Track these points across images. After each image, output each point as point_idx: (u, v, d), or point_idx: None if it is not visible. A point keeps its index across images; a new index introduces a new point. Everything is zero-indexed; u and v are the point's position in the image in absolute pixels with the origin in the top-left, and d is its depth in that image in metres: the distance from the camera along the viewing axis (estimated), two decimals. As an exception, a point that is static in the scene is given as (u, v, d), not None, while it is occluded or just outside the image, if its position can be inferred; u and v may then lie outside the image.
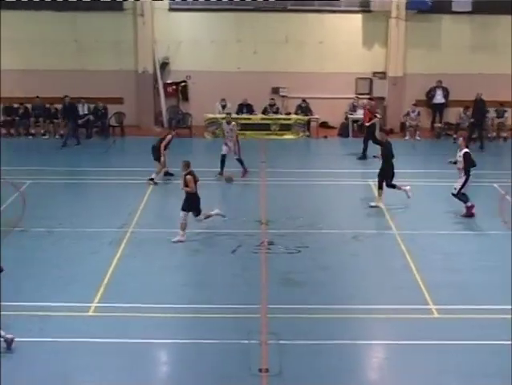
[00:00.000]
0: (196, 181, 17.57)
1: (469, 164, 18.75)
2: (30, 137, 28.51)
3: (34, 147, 27.49)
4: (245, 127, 28.26)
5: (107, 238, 17.49)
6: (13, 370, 11.74)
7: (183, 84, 29.83)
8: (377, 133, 24.03)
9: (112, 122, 28.89)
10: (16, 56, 29.33)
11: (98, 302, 14.10)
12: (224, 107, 28.79)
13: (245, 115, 28.58)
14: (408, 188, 19.85)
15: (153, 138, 24.44)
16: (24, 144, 27.95)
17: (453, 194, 18.99)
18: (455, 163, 19.05)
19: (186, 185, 17.44)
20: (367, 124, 25.26)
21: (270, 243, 17.15)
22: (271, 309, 13.73)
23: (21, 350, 12.34)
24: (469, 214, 18.85)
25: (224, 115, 24.53)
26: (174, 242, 17.01)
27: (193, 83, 29.81)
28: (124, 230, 18.01)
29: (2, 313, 13.49)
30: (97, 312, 13.74)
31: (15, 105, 28.83)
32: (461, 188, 18.87)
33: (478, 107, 27.21)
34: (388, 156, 19.85)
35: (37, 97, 28.82)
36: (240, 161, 22.77)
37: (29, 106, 28.90)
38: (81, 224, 18.37)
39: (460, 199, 18.98)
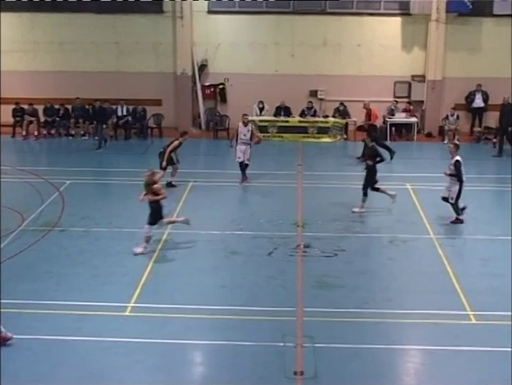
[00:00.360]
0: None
1: (460, 172, 18.39)
2: (70, 138, 28.86)
3: (74, 147, 27.80)
4: (283, 129, 28.33)
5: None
6: (50, 368, 11.91)
7: (221, 86, 29.94)
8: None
9: (151, 123, 29.10)
10: (57, 58, 29.77)
11: (135, 302, 14.21)
12: (261, 109, 28.87)
13: (282, 118, 28.61)
14: (393, 193, 19.72)
15: (190, 140, 24.62)
16: (64, 145, 28.29)
17: (448, 202, 18.64)
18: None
19: (156, 194, 16.71)
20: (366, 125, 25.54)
21: (307, 246, 17.14)
22: (307, 312, 13.73)
23: (58, 349, 12.51)
24: (457, 221, 18.66)
25: (262, 118, 24.52)
26: (136, 254, 16.56)
27: (230, 85, 29.91)
28: (161, 231, 18.12)
29: (40, 311, 13.74)
30: (134, 312, 13.85)
31: (56, 106, 29.18)
32: (457, 198, 18.54)
33: (505, 111, 26.79)
34: (374, 160, 19.71)
35: (77, 98, 29.14)
36: (243, 166, 22.32)
37: (69, 107, 29.22)
38: (118, 225, 18.54)
39: (454, 209, 18.66)
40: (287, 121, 28.58)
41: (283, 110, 28.83)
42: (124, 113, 28.84)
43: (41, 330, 13.03)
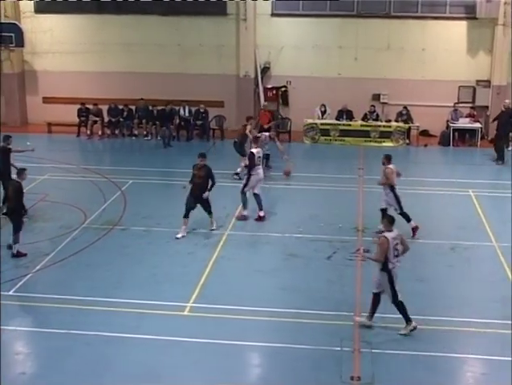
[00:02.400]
0: None
1: (391, 180, 17.79)
2: (133, 138, 29.22)
3: (137, 147, 28.15)
4: (345, 133, 28.23)
5: (203, 239, 17.77)
6: (108, 364, 12.08)
7: (283, 89, 29.96)
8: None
9: (213, 125, 29.29)
10: (123, 59, 30.21)
11: (193, 302, 14.32)
12: (324, 112, 28.82)
13: (344, 122, 28.48)
14: None
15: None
16: (127, 145, 28.67)
17: (399, 213, 17.84)
18: None
19: None
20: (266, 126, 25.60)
21: (366, 251, 16.95)
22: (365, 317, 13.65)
23: (115, 346, 12.71)
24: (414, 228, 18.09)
25: (324, 121, 24.41)
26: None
27: (293, 88, 29.91)
28: (221, 232, 18.24)
29: (100, 308, 13.95)
30: (193, 312, 13.96)
31: (120, 106, 29.59)
32: (400, 206, 17.95)
33: (505, 117, 26.09)
34: None
35: (141, 99, 29.50)
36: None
37: (133, 108, 29.60)
38: (178, 225, 18.65)
39: (405, 217, 17.97)
40: (349, 125, 28.45)
41: (345, 113, 28.70)
42: (187, 114, 29.08)
43: (100, 327, 13.24)
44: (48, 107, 30.94)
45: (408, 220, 17.94)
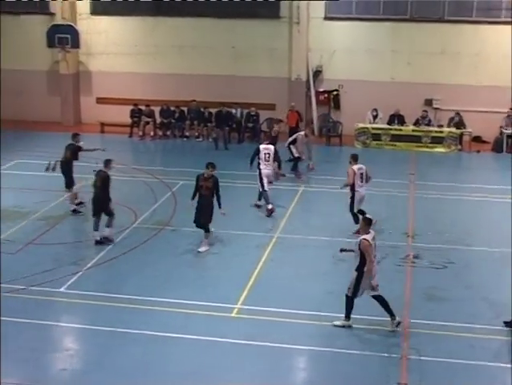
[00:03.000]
0: None
1: (349, 180, 18.35)
2: (185, 139, 29.42)
3: (188, 149, 28.33)
4: (396, 138, 28.04)
5: (253, 242, 17.81)
6: (155, 362, 12.18)
7: (335, 93, 29.88)
8: None
9: (264, 127, 29.33)
10: (176, 61, 30.48)
11: (241, 304, 14.36)
12: (375, 117, 28.67)
13: (396, 126, 28.29)
14: None
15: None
16: (179, 146, 28.88)
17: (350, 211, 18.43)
18: None
19: None
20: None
21: (416, 257, 16.91)
22: (413, 323, 13.55)
23: (162, 345, 12.81)
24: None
25: (376, 125, 24.32)
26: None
27: (345, 91, 29.82)
28: (271, 235, 18.27)
29: (149, 307, 14.09)
30: (240, 314, 14.00)
31: (172, 108, 29.82)
32: (352, 206, 18.39)
33: None
34: None
35: (193, 101, 29.69)
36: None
37: (185, 109, 29.82)
38: (228, 227, 18.74)
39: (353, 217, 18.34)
40: (401, 129, 28.24)
41: (397, 118, 28.50)
42: (238, 117, 29.18)
43: (147, 326, 13.37)
44: (101, 107, 31.37)
45: (357, 222, 17.72)
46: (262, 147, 20.54)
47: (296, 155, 23.47)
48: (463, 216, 20.06)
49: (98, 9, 30.97)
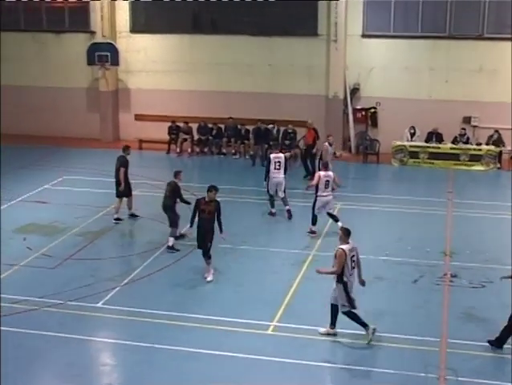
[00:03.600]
0: None
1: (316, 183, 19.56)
2: (222, 156, 29.53)
3: (225, 166, 28.43)
4: (434, 156, 27.86)
5: (289, 259, 17.80)
6: (189, 380, 12.22)
7: (372, 110, 29.79)
8: None
9: (301, 145, 29.31)
10: (213, 78, 30.65)
11: (277, 322, 14.35)
12: (413, 134, 28.52)
13: (434, 144, 28.11)
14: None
15: (339, 162, 24.65)
16: (216, 163, 28.99)
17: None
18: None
19: None
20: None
21: (454, 276, 16.76)
22: (451, 343, 13.42)
23: (198, 362, 12.84)
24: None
25: (413, 143, 24.19)
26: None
27: (382, 109, 29.71)
28: (307, 252, 18.25)
29: (185, 324, 14.13)
30: (276, 331, 13.99)
31: (209, 125, 29.99)
32: (313, 207, 19.64)
33: None
34: None
35: (230, 118, 29.82)
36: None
37: (222, 126, 29.97)
38: (264, 244, 18.81)
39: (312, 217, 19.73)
40: (439, 147, 28.05)
41: (435, 136, 28.32)
42: (275, 134, 29.21)
43: (186, 342, 13.42)
44: (140, 124, 31.65)
45: (314, 223, 19.65)
46: (272, 156, 21.32)
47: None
48: (501, 234, 19.82)
49: (137, 27, 31.33)
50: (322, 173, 19.63)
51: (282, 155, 21.54)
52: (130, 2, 31.00)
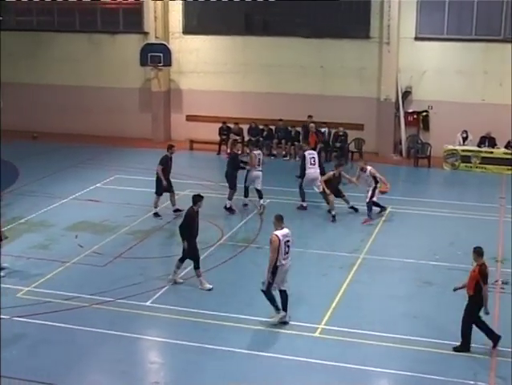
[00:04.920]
0: None
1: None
2: (272, 158, 29.54)
3: (276, 167, 28.36)
4: (486, 160, 27.48)
5: (337, 262, 17.76)
6: (235, 379, 12.27)
7: (424, 114, 29.53)
8: None
9: (352, 147, 29.23)
10: (265, 80, 30.71)
11: (325, 324, 14.31)
12: (465, 138, 28.19)
13: (486, 149, 27.73)
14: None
15: (390, 166, 24.50)
16: (266, 164, 28.87)
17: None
18: None
19: None
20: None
21: (505, 282, 16.51)
22: (501, 351, 13.23)
23: (245, 363, 12.90)
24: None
25: (465, 147, 23.91)
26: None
27: (434, 113, 29.43)
28: (356, 256, 18.17)
29: (232, 324, 14.17)
30: (323, 334, 13.96)
31: (260, 126, 30.05)
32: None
33: None
34: None
35: (280, 120, 29.84)
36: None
37: (273, 127, 30.00)
38: (313, 246, 18.78)
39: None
40: (491, 152, 27.66)
41: (488, 140, 27.95)
42: (326, 136, 29.14)
43: (231, 343, 13.48)
44: (191, 124, 31.86)
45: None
46: (306, 153, 22.16)
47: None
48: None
49: (190, 28, 31.55)
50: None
51: (314, 151, 22.76)
52: (183, 3, 31.23)
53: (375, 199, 21.08)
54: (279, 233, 14.12)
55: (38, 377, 12.17)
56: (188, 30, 31.56)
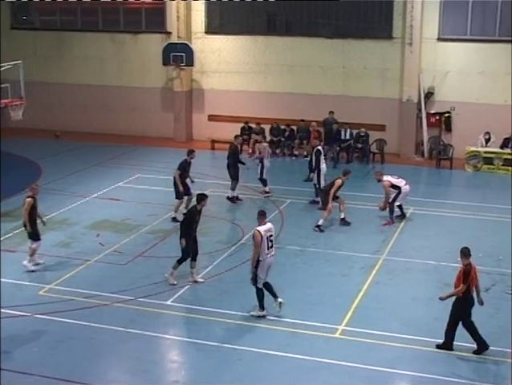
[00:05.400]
0: None
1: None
2: (294, 158, 29.53)
3: (297, 167, 28.34)
4: (510, 162, 27.26)
5: (359, 263, 17.72)
6: (255, 380, 12.27)
7: (447, 115, 29.36)
8: None
9: (373, 148, 29.14)
10: (286, 80, 30.70)
11: (345, 326, 14.30)
12: (488, 140, 28.00)
13: (509, 150, 27.53)
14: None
15: (412, 167, 24.44)
16: (288, 164, 28.99)
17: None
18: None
19: None
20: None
21: (524, 289, 16.41)
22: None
23: (265, 363, 12.91)
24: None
25: (488, 149, 23.71)
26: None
27: (456, 114, 29.26)
28: (377, 257, 18.13)
29: (254, 324, 14.19)
30: (344, 335, 13.94)
31: (282, 126, 30.05)
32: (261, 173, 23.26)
33: None
34: None
35: (302, 120, 29.82)
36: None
37: (294, 128, 29.98)
38: (334, 247, 18.76)
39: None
40: (514, 154, 27.49)
41: (511, 142, 27.75)
42: (347, 136, 29.08)
43: (252, 343, 13.51)
44: (212, 124, 31.91)
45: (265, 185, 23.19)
46: (321, 148, 22.71)
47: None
48: None
49: (212, 28, 31.61)
50: (264, 144, 23.97)
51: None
52: (206, 2, 31.28)
53: (398, 203, 20.94)
54: (262, 228, 14.35)
55: (59, 374, 12.30)
56: (210, 29, 31.61)
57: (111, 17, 32.76)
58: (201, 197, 16.38)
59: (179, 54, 30.67)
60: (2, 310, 14.56)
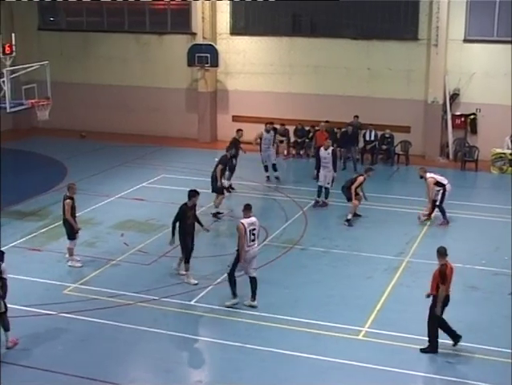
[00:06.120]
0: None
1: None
2: (317, 159, 29.43)
3: (320, 169, 28.30)
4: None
5: (382, 264, 17.68)
6: (278, 381, 12.27)
7: (472, 117, 29.15)
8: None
9: (398, 150, 29.02)
10: (311, 81, 30.64)
11: (368, 327, 14.27)
12: (514, 142, 27.80)
13: (534, 152, 27.31)
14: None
15: (437, 169, 24.29)
16: (311, 166, 28.81)
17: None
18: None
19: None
20: None
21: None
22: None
23: (288, 364, 12.93)
24: None
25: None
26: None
27: (482, 116, 29.05)
28: (401, 259, 18.07)
29: (276, 325, 14.20)
30: (367, 337, 13.92)
31: (306, 127, 30.01)
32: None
33: None
34: None
35: (326, 121, 29.71)
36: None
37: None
38: (357, 248, 18.72)
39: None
40: (541, 155, 27.23)
41: (537, 144, 27.54)
42: (372, 138, 28.98)
43: (274, 344, 13.54)
44: (237, 125, 31.83)
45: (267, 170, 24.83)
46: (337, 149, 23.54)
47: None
48: None
49: (237, 29, 31.64)
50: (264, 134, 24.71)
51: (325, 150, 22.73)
52: (231, 3, 31.32)
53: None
54: (245, 221, 15.09)
55: (82, 372, 12.41)
56: (235, 30, 31.65)
57: (137, 18, 32.86)
58: (193, 194, 16.63)
59: (204, 55, 30.73)
60: (27, 309, 14.72)
